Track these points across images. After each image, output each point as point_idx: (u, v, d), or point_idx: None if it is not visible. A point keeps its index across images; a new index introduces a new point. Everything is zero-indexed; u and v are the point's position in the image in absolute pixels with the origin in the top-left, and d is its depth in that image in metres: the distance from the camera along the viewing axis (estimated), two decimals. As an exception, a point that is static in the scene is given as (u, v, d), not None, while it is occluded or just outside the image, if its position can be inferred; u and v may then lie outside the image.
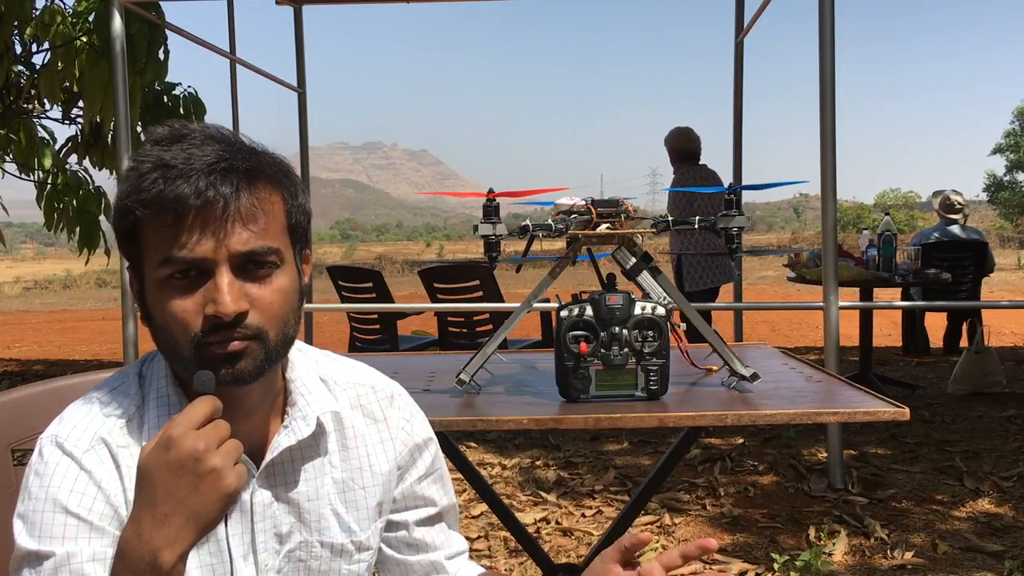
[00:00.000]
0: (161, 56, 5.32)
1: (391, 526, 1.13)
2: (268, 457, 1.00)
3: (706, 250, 5.21)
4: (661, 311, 1.70)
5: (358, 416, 1.09)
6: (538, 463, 3.96)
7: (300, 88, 6.06)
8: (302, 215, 0.99)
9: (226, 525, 0.98)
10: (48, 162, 5.60)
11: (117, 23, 3.78)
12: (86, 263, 5.84)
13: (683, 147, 5.42)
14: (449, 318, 5.15)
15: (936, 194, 6.63)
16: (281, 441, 1.01)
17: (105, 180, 5.90)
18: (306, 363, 1.07)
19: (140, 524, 0.84)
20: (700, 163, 5.44)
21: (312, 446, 1.04)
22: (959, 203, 6.40)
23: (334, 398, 1.07)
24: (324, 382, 1.08)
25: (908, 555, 2.81)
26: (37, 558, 0.89)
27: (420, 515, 1.14)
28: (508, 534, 2.95)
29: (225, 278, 0.90)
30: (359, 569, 1.08)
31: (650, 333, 1.69)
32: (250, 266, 0.92)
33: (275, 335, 0.94)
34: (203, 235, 0.89)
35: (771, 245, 28.50)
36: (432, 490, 1.14)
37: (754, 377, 1.75)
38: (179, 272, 0.91)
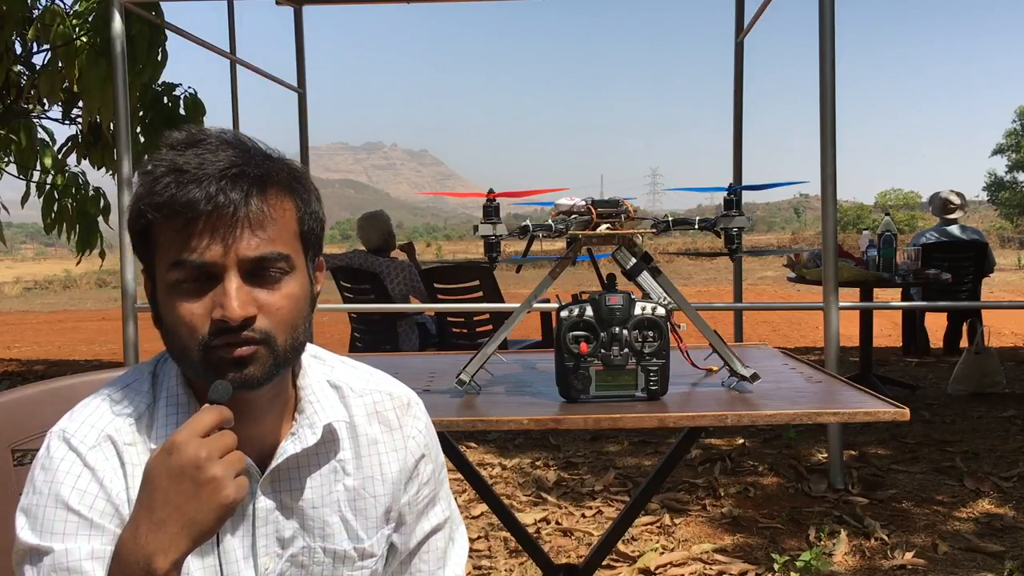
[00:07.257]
0: (159, 56, 5.30)
1: (389, 549, 1.13)
2: (273, 464, 1.00)
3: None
4: (661, 311, 1.70)
5: (374, 423, 1.09)
6: (538, 463, 3.96)
7: (300, 88, 6.06)
8: (315, 222, 1.00)
9: (218, 536, 0.98)
10: (48, 162, 5.59)
11: (117, 23, 3.78)
12: (77, 263, 5.84)
13: None
14: (449, 318, 5.15)
15: (932, 198, 6.62)
16: (287, 448, 1.01)
17: (103, 180, 5.90)
18: (320, 370, 1.08)
19: (137, 527, 0.85)
20: None
21: (318, 454, 1.04)
22: (952, 204, 6.38)
23: (344, 407, 1.07)
24: (338, 389, 1.08)
25: (908, 555, 2.81)
26: (37, 553, 0.90)
27: (416, 540, 1.14)
28: (508, 534, 2.95)
29: (233, 283, 0.91)
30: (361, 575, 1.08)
31: (650, 333, 1.69)
32: (260, 272, 0.93)
33: (283, 340, 0.95)
34: (212, 240, 0.90)
35: (771, 245, 28.50)
36: (430, 511, 1.15)
37: (754, 377, 1.75)
38: (189, 277, 0.91)
